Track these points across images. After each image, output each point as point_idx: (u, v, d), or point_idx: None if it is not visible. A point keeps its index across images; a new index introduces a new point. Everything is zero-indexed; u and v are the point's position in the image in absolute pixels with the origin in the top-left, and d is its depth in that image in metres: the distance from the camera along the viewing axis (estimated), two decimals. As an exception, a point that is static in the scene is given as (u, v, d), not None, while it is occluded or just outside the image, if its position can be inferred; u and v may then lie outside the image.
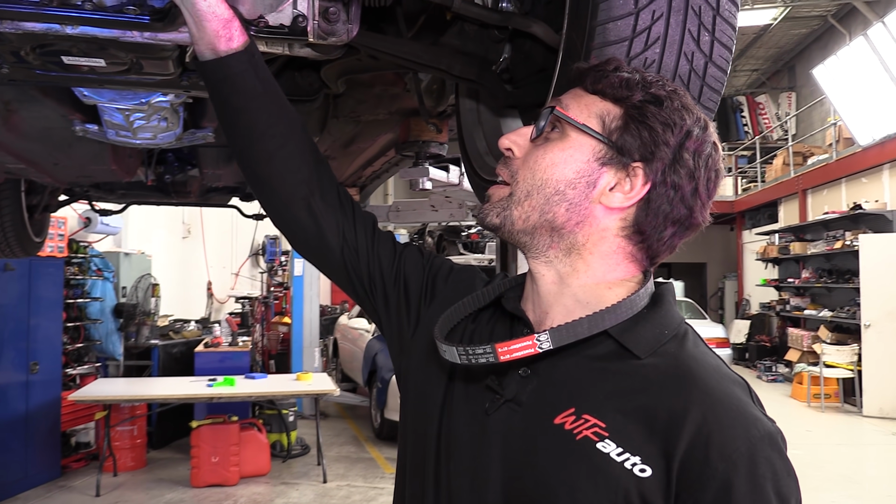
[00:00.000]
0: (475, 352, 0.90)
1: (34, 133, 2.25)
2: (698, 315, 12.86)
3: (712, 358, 0.91)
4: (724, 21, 1.13)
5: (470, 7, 1.29)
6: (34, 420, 6.23)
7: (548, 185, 0.92)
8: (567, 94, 0.96)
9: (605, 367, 0.90)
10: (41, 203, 3.80)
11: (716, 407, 0.82)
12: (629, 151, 0.90)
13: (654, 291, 0.96)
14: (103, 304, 7.47)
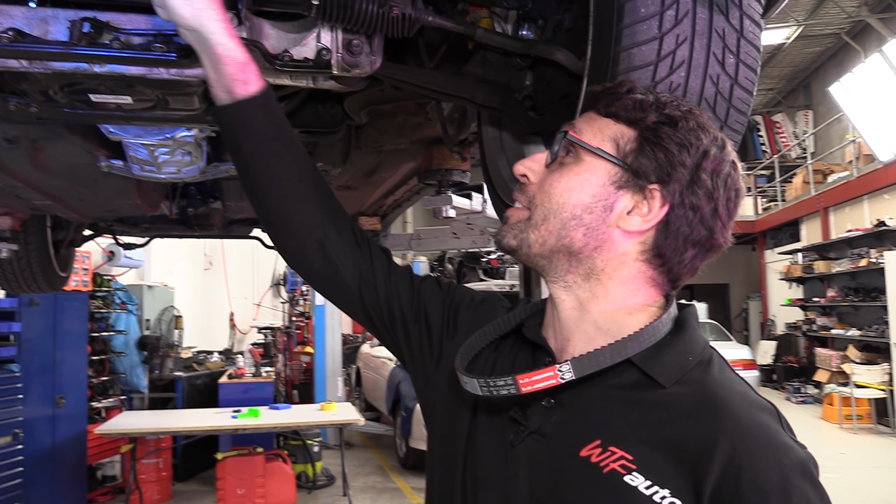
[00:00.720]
0: (496, 384, 0.89)
1: (60, 170, 2.28)
2: (723, 337, 12.68)
3: (739, 384, 0.89)
4: (749, 43, 1.13)
5: (492, 36, 1.30)
6: (61, 454, 6.26)
7: (564, 209, 0.91)
8: (581, 118, 0.95)
9: (630, 397, 0.88)
10: (66, 238, 3.84)
11: (745, 436, 0.80)
12: (645, 174, 0.89)
13: (677, 316, 0.94)
14: (127, 337, 7.52)
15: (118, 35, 1.17)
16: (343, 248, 1.10)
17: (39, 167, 2.23)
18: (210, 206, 3.36)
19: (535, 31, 1.41)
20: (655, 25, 1.07)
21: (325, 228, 1.09)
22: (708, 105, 1.13)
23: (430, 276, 1.17)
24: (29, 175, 2.27)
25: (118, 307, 7.50)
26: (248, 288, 12.48)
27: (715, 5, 1.10)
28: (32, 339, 5.96)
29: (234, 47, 1.01)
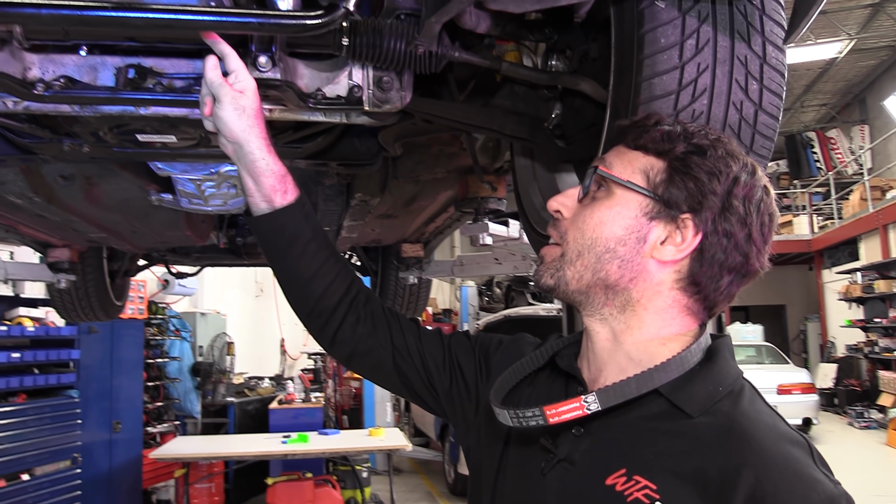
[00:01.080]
0: (525, 415, 0.91)
1: (114, 204, 2.39)
2: (780, 360, 12.34)
3: (769, 416, 0.88)
4: (772, 69, 1.13)
5: (517, 69, 1.32)
6: (117, 477, 6.43)
7: (598, 243, 0.92)
8: (610, 151, 0.97)
9: (657, 427, 0.89)
10: (122, 268, 3.99)
11: (770, 469, 0.79)
12: (676, 204, 0.89)
13: (709, 346, 0.94)
14: (181, 364, 7.71)
15: (161, 79, 1.24)
16: (375, 326, 1.15)
17: (94, 202, 2.33)
18: (258, 236, 3.46)
19: (564, 62, 1.43)
20: (676, 55, 1.09)
21: (357, 313, 1.15)
22: (732, 131, 1.13)
23: (457, 331, 1.21)
24: (84, 210, 2.37)
25: (172, 334, 7.71)
26: (299, 314, 12.66)
27: (736, 32, 1.11)
28: (91, 366, 6.17)
29: (272, 160, 1.09)
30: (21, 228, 2.82)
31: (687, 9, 1.09)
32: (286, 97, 1.28)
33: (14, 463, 5.26)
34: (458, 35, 1.29)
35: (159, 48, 1.27)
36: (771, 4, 1.14)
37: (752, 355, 12.64)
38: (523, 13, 1.33)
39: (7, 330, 5.29)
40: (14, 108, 1.27)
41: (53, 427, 5.66)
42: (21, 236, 3.08)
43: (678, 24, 1.08)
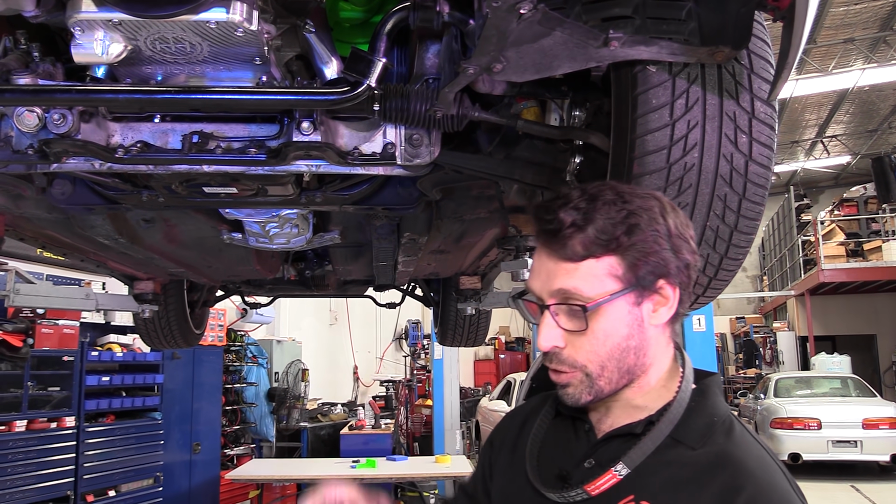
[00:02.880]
0: (570, 495, 1.03)
1: (190, 242, 2.62)
2: (867, 393, 11.72)
3: (757, 448, 1.01)
4: (761, 122, 1.23)
5: (531, 126, 1.46)
6: (196, 497, 6.75)
7: (614, 351, 1.01)
8: (565, 275, 0.97)
9: (661, 459, 1.01)
10: (200, 299, 4.27)
11: (761, 494, 0.93)
12: (650, 280, 0.99)
13: (701, 386, 1.06)
14: (258, 389, 8.04)
15: (220, 142, 1.43)
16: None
17: (172, 241, 2.57)
18: (325, 269, 3.67)
19: (583, 115, 1.56)
20: (667, 114, 1.20)
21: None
22: (724, 181, 1.23)
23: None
24: (163, 248, 2.62)
25: (250, 360, 8.06)
26: (371, 342, 12.95)
27: (725, 91, 1.21)
28: (173, 390, 6.53)
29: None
30: (110, 264, 3.11)
31: (677, 72, 1.20)
32: (327, 155, 1.45)
33: (102, 479, 5.63)
34: (480, 96, 1.44)
35: (220, 115, 1.46)
36: (759, 63, 1.24)
37: (837, 387, 12.09)
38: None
39: (98, 355, 5.70)
40: (100, 169, 1.49)
41: (138, 447, 6.03)
42: (110, 270, 3.38)
43: (668, 86, 1.20)
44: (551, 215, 0.97)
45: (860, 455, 10.29)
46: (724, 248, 1.28)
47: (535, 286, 1.02)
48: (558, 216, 0.96)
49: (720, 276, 1.33)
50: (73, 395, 5.42)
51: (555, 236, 0.97)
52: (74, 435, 5.41)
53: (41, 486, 5.13)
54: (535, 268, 1.02)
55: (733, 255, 1.30)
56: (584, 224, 0.95)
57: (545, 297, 1.00)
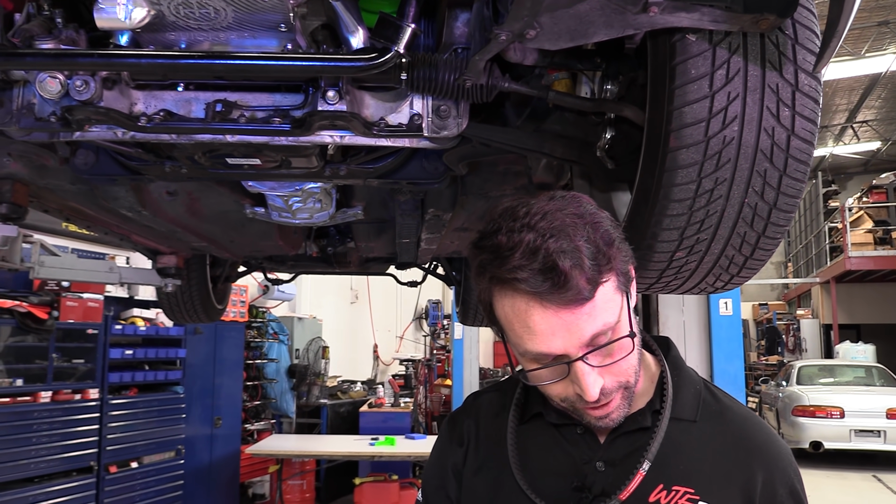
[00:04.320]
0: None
1: (213, 216, 2.61)
2: (892, 382, 11.57)
3: (738, 404, 1.10)
4: (805, 95, 1.17)
5: (564, 97, 1.42)
6: (217, 470, 6.83)
7: (639, 352, 1.00)
8: (589, 319, 0.90)
9: (671, 441, 1.01)
10: (223, 274, 4.28)
11: (769, 455, 1.03)
12: (627, 270, 0.97)
13: (671, 358, 1.09)
14: (279, 365, 8.10)
15: (244, 111, 1.41)
16: None
17: (195, 214, 2.56)
18: (347, 246, 3.65)
19: (616, 88, 1.51)
20: (706, 84, 1.15)
21: None
22: (765, 156, 1.18)
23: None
24: (187, 221, 2.61)
25: (271, 337, 8.11)
26: (392, 321, 12.99)
27: (768, 62, 1.16)
28: (195, 365, 6.59)
29: None
30: (133, 237, 3.12)
31: (717, 41, 1.15)
32: (352, 126, 1.42)
33: (125, 451, 5.71)
34: (510, 66, 1.40)
35: (244, 84, 1.43)
36: (804, 33, 1.18)
37: (861, 376, 11.94)
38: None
39: (122, 329, 5.75)
40: (122, 137, 1.46)
41: (161, 420, 6.10)
42: (134, 244, 3.38)
43: (708, 56, 1.15)
44: (543, 270, 0.86)
45: (883, 445, 10.18)
46: (763, 227, 1.23)
47: (556, 347, 0.90)
48: (558, 267, 0.86)
49: (756, 256, 1.29)
50: (97, 367, 5.49)
51: (559, 288, 0.87)
52: (98, 407, 5.48)
53: (65, 456, 5.21)
54: (542, 329, 0.89)
55: (771, 234, 1.25)
56: (576, 259, 0.87)
57: (575, 352, 0.90)
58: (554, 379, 0.95)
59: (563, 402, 0.98)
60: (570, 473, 1.03)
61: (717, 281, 1.36)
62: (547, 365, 0.94)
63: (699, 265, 1.29)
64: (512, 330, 0.94)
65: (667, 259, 1.28)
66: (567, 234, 0.88)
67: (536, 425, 1.10)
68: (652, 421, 1.03)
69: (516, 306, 0.91)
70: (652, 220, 1.24)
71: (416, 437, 7.29)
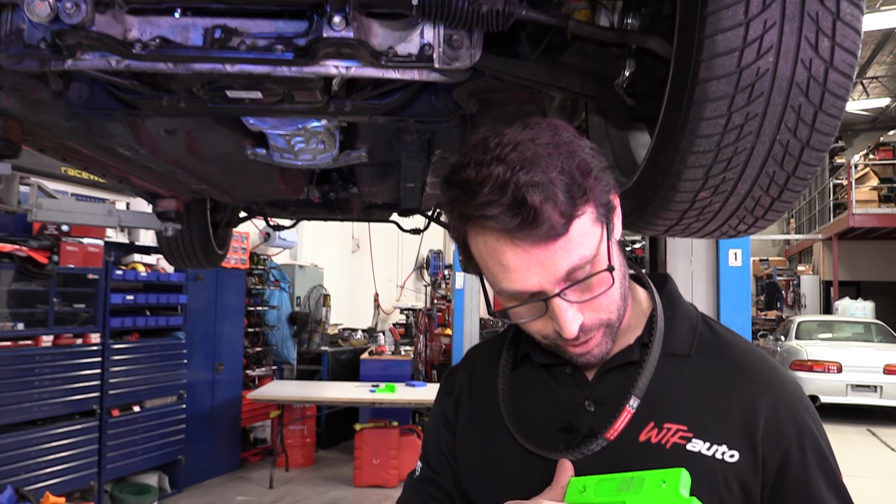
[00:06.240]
0: (589, 447, 0.95)
1: (213, 157, 2.54)
2: (890, 339, 11.64)
3: (737, 337, 1.04)
4: (846, 25, 1.09)
5: (584, 27, 1.33)
6: (218, 415, 6.89)
7: (622, 286, 0.94)
8: (563, 253, 0.85)
9: (663, 377, 0.97)
10: (224, 219, 4.22)
11: (772, 388, 0.96)
12: (608, 200, 0.90)
13: (666, 293, 1.05)
14: (280, 312, 8.11)
15: (245, 39, 1.33)
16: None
17: (195, 155, 2.49)
18: (350, 192, 3.58)
19: (638, 20, 1.43)
20: (741, 11, 1.07)
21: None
22: (800, 90, 1.11)
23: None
24: (186, 162, 2.54)
25: (272, 284, 8.09)
26: (393, 270, 12.98)
27: None
28: (196, 311, 6.59)
29: None
30: (132, 179, 3.05)
31: (755, -35, 1.07)
32: (359, 55, 1.34)
33: (127, 395, 5.74)
34: (528, -7, 1.31)
35: (244, 10, 1.35)
36: (848, -40, 1.10)
37: (860, 332, 12.01)
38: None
39: (122, 274, 5.72)
40: (116, 66, 1.39)
41: (162, 365, 6.12)
42: (133, 186, 3.32)
43: (745, -20, 1.06)
44: (513, 205, 0.80)
45: (879, 400, 10.28)
46: (793, 166, 1.16)
47: (531, 284, 0.86)
48: (527, 202, 0.80)
49: (784, 198, 1.22)
50: (98, 312, 5.48)
51: (529, 224, 0.81)
52: (100, 351, 5.48)
53: (68, 399, 5.24)
54: (516, 267, 0.85)
55: (801, 175, 1.18)
56: (548, 192, 0.81)
57: (551, 289, 0.86)
58: (533, 316, 0.91)
59: (545, 340, 0.95)
60: (560, 415, 1.00)
61: (741, 224, 1.29)
62: (525, 302, 0.89)
63: (723, 206, 1.23)
64: (486, 268, 0.90)
65: (690, 199, 1.21)
66: (539, 165, 0.82)
67: (527, 368, 1.07)
68: (641, 355, 0.98)
69: (488, 244, 0.87)
70: (676, 157, 1.17)
71: (417, 384, 7.34)
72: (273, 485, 6.57)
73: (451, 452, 1.11)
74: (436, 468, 1.13)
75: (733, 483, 0.91)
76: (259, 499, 6.29)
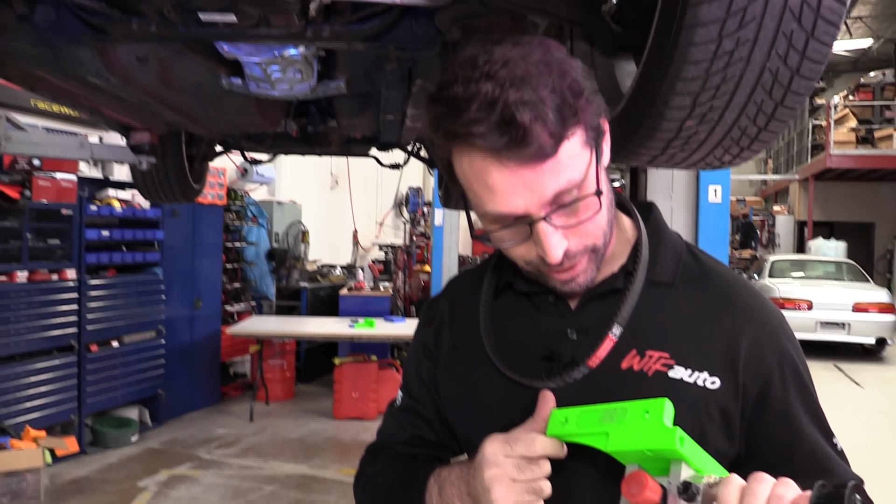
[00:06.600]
0: (571, 374, 0.95)
1: (187, 87, 2.47)
2: (860, 278, 11.89)
3: (721, 265, 1.04)
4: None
5: (573, -53, 1.29)
6: (198, 350, 6.92)
7: (609, 212, 0.93)
8: (552, 175, 0.82)
9: (647, 305, 0.96)
10: (200, 153, 4.14)
11: (756, 316, 0.97)
12: (598, 123, 0.88)
13: (651, 221, 1.04)
14: (258, 249, 8.07)
15: (217, -46, 1.26)
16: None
17: (168, 84, 2.42)
18: (328, 125, 3.52)
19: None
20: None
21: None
22: (793, 15, 1.07)
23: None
24: (159, 91, 2.47)
25: (250, 220, 8.03)
26: (372, 207, 12.91)
27: None
28: (174, 247, 6.53)
29: None
30: (104, 111, 2.96)
31: None
32: None
33: (105, 331, 5.73)
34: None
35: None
36: None
37: (832, 271, 12.25)
38: None
39: (97, 209, 5.63)
40: (82, -17, 1.32)
41: (140, 301, 6.10)
42: (105, 118, 3.22)
43: None
44: (501, 123, 0.77)
45: (847, 337, 10.57)
46: (782, 95, 1.14)
47: (516, 206, 0.83)
48: (516, 121, 0.77)
49: (771, 127, 1.20)
50: (73, 248, 5.41)
51: (517, 143, 0.78)
52: (76, 287, 5.44)
53: (46, 335, 5.22)
54: (501, 188, 0.82)
55: (790, 104, 1.16)
56: (538, 111, 0.78)
57: (537, 212, 0.84)
58: (516, 241, 0.89)
59: (527, 266, 0.94)
60: (542, 343, 0.99)
61: (726, 154, 1.28)
62: (509, 226, 0.87)
63: (709, 135, 1.21)
64: (471, 190, 0.87)
65: (676, 128, 1.19)
66: (530, 83, 0.79)
67: (509, 297, 1.06)
68: (624, 283, 0.97)
69: (474, 164, 0.84)
70: (664, 84, 1.14)
71: (395, 319, 7.40)
72: (253, 418, 6.66)
73: (432, 382, 1.11)
74: (417, 397, 1.13)
75: (714, 409, 0.92)
76: (240, 431, 6.37)
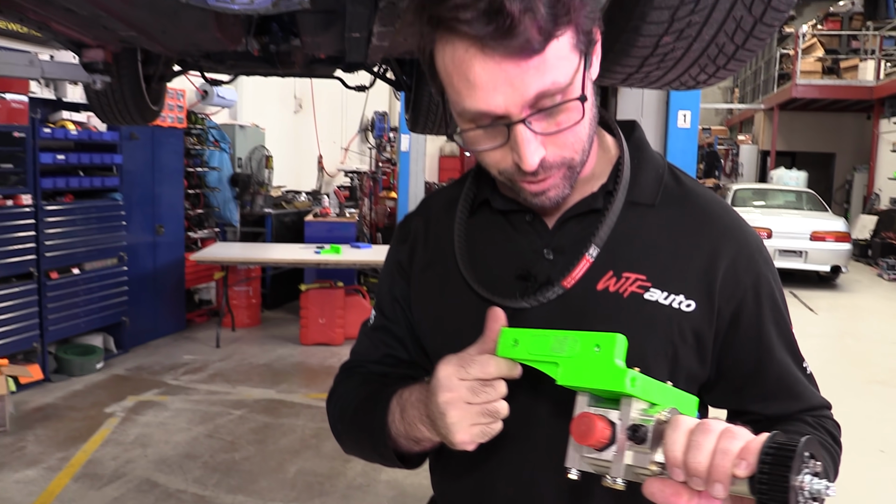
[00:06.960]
0: (545, 295, 0.93)
1: (141, 1, 2.34)
2: (818, 207, 12.15)
3: (702, 187, 1.02)
4: None
5: None
6: (161, 277, 6.84)
7: (592, 125, 0.89)
8: (536, 74, 0.78)
9: (625, 226, 0.95)
10: (157, 72, 3.97)
11: (734, 239, 0.96)
12: (591, 30, 0.83)
13: (634, 141, 1.01)
14: (221, 174, 7.90)
15: None
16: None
17: (121, -4, 2.29)
18: (291, 43, 3.39)
19: None
20: None
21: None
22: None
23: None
24: (111, 4, 2.34)
25: (212, 145, 7.82)
26: (337, 132, 12.68)
27: None
28: (133, 172, 6.36)
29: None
30: (53, 25, 2.80)
31: None
32: None
33: (65, 258, 5.61)
34: None
35: None
36: None
37: (792, 201, 12.49)
38: None
39: (51, 132, 5.42)
40: None
41: (100, 227, 5.96)
42: (55, 34, 3.06)
43: None
44: (489, 11, 0.73)
45: (804, 265, 10.86)
46: (761, 11, 1.12)
47: (496, 104, 0.79)
48: (505, 9, 0.72)
49: (748, 45, 1.17)
50: (28, 173, 5.22)
51: (504, 34, 0.74)
52: (33, 213, 5.28)
53: (2, 262, 5.08)
54: (482, 82, 0.78)
55: (769, 20, 1.13)
56: (529, 2, 0.73)
57: (517, 112, 0.80)
58: (492, 145, 0.85)
59: (501, 176, 0.90)
60: (517, 262, 0.98)
61: (702, 73, 1.26)
62: (486, 126, 0.83)
63: (686, 52, 1.18)
64: (451, 85, 0.82)
65: (652, 45, 1.16)
66: None
67: (485, 215, 1.04)
68: (604, 203, 0.95)
69: (456, 55, 0.79)
70: (641, -2, 1.10)
71: (362, 246, 7.39)
72: (220, 344, 6.66)
73: (406, 301, 1.10)
74: (389, 316, 1.12)
75: (687, 332, 0.92)
76: (206, 357, 6.38)
